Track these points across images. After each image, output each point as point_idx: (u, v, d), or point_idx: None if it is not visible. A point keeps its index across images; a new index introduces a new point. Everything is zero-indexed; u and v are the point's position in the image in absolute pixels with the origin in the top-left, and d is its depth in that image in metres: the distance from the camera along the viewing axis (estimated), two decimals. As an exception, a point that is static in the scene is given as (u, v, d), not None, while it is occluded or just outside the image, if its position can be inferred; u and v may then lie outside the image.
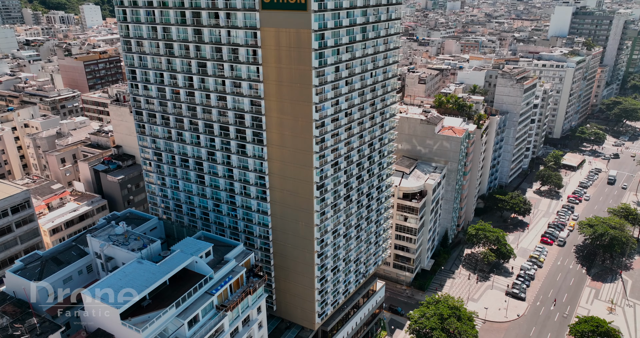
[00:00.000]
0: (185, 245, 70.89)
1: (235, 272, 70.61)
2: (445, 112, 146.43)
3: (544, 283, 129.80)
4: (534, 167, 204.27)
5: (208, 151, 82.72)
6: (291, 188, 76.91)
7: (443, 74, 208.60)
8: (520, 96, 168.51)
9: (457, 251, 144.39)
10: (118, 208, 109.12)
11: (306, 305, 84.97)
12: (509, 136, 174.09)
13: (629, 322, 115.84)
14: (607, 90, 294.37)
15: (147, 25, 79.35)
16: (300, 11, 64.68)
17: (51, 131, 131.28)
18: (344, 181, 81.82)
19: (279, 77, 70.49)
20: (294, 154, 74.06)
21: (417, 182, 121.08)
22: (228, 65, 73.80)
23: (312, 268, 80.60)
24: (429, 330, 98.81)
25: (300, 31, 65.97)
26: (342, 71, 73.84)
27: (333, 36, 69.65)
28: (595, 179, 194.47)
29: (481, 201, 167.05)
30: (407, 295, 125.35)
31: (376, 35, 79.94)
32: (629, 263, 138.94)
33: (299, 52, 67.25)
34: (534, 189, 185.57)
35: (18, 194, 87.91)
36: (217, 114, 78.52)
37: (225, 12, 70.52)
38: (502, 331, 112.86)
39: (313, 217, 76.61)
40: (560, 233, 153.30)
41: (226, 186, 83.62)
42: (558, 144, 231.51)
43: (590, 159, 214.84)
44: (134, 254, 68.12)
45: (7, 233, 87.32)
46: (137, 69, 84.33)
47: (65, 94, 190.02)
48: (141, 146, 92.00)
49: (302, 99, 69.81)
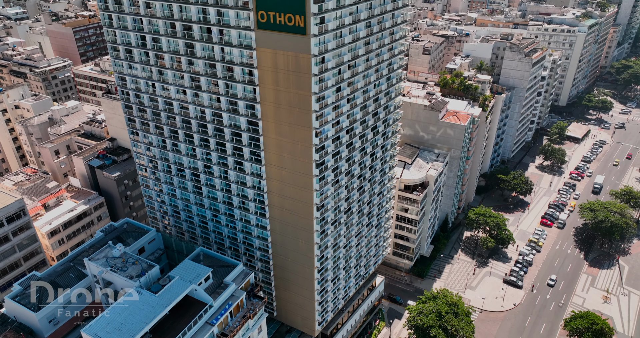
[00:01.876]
0: (184, 270, 70.19)
1: (235, 297, 70.44)
2: (450, 93, 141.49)
3: (541, 270, 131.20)
4: (537, 139, 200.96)
5: (205, 164, 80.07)
6: (291, 207, 75.11)
7: (449, 41, 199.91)
8: (528, 70, 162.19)
9: (456, 234, 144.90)
10: (116, 204, 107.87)
11: (306, 314, 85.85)
12: (514, 112, 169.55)
13: (622, 311, 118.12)
14: (618, 50, 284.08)
15: (135, 33, 73.97)
16: (299, 35, 59.78)
17: (43, 117, 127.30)
18: (345, 196, 79.86)
19: (276, 99, 66.58)
20: (293, 176, 71.57)
21: (419, 173, 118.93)
22: (223, 82, 69.51)
23: (312, 282, 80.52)
24: (427, 327, 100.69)
25: (299, 55, 61.38)
26: (344, 90, 69.71)
27: (334, 57, 64.94)
28: (599, 152, 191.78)
29: (482, 179, 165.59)
30: (405, 282, 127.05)
31: (380, 45, 74.85)
32: (627, 248, 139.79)
33: (297, 76, 62.97)
34: (536, 164, 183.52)
35: (12, 204, 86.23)
36: (213, 129, 75.10)
37: (218, 28, 65.31)
38: (498, 321, 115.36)
39: (313, 236, 75.40)
40: (560, 214, 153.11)
41: (224, 199, 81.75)
42: (564, 112, 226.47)
43: (595, 129, 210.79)
44: (132, 283, 67.55)
45: (4, 242, 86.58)
46: (127, 77, 79.77)
47: (56, 64, 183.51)
48: (135, 152, 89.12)
49: (301, 124, 66.33)
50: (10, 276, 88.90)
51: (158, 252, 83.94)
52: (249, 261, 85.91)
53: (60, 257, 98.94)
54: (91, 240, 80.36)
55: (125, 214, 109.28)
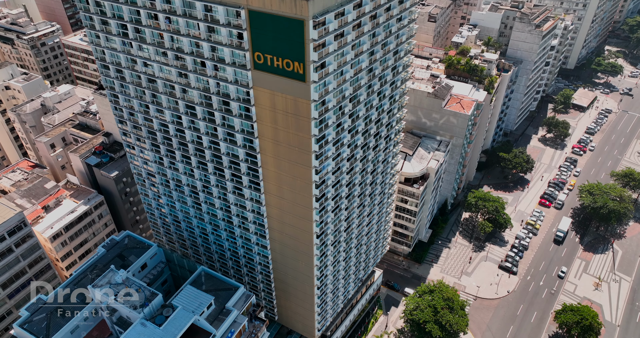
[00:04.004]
0: (187, 298, 71.56)
1: (238, 323, 72.46)
2: (455, 74, 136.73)
3: (536, 254, 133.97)
4: (542, 107, 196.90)
5: (203, 184, 79.07)
6: (290, 232, 75.19)
7: (456, 4, 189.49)
8: (538, 42, 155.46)
9: (455, 215, 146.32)
10: (116, 201, 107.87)
11: (306, 321, 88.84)
12: (520, 85, 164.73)
13: (612, 299, 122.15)
14: (634, 2, 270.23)
15: (125, 55, 69.92)
16: (297, 81, 56.53)
17: (35, 104, 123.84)
18: (345, 216, 79.63)
19: (275, 136, 64.34)
20: (293, 206, 70.91)
21: (420, 165, 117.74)
22: (219, 114, 66.79)
23: (312, 298, 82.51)
24: (422, 322, 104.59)
25: (298, 100, 58.45)
26: (345, 123, 67.13)
27: (335, 95, 61.80)
28: (604, 123, 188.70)
29: (484, 156, 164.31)
30: (403, 268, 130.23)
31: (383, 68, 71.00)
32: (622, 231, 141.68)
33: (297, 119, 60.40)
34: (539, 136, 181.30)
35: (12, 218, 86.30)
36: (211, 155, 73.31)
37: (212, 63, 61.61)
38: (492, 309, 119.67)
39: (313, 260, 76.15)
40: (559, 194, 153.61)
41: (224, 217, 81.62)
42: (571, 75, 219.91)
43: (602, 97, 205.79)
44: (136, 314, 69.16)
45: (8, 254, 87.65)
46: (120, 95, 76.54)
47: (44, 29, 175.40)
48: (132, 164, 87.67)
49: (300, 162, 64.62)
50: (16, 284, 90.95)
51: (160, 265, 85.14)
52: (250, 272, 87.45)
53: (64, 258, 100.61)
54: (93, 258, 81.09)
55: (125, 210, 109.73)
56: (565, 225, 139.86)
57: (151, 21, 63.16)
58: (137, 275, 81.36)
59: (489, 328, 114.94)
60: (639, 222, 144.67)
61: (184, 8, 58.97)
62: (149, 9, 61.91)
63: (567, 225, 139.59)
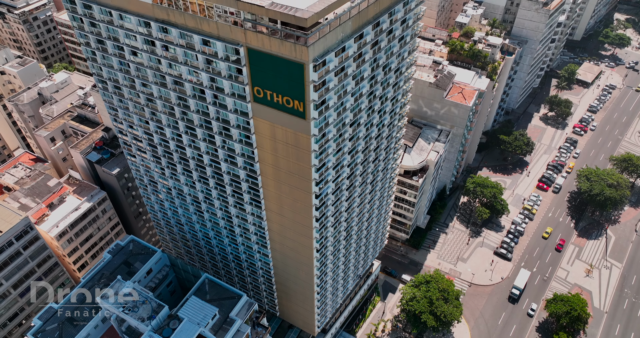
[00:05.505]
0: (192, 310, 74.51)
1: (241, 333, 75.88)
2: (458, 59, 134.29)
3: (531, 240, 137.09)
4: (545, 82, 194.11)
5: (205, 196, 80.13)
6: (291, 245, 77.12)
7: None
8: (544, 21, 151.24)
9: (453, 199, 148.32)
10: (118, 196, 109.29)
11: (307, 319, 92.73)
12: (524, 64, 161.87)
13: (602, 285, 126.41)
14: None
15: (123, 74, 68.86)
16: (297, 117, 56.28)
17: (32, 94, 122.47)
18: (345, 227, 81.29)
19: (275, 162, 64.72)
20: (294, 224, 72.36)
21: (420, 157, 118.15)
22: (220, 138, 66.77)
23: (312, 301, 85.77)
24: (418, 313, 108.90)
25: (299, 134, 58.39)
26: (345, 146, 67.18)
27: (335, 125, 61.56)
28: (607, 100, 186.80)
29: (484, 137, 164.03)
30: (401, 253, 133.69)
31: (384, 87, 70.12)
32: (617, 216, 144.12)
33: (297, 150, 60.57)
34: (540, 115, 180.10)
35: (19, 223, 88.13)
36: (212, 172, 73.90)
37: (211, 92, 60.95)
38: (486, 295, 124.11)
39: (313, 270, 78.55)
40: (557, 177, 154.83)
41: (226, 225, 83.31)
42: (577, 47, 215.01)
43: (607, 71, 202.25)
44: (144, 326, 72.31)
45: (17, 257, 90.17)
46: (119, 110, 76.01)
47: (35, 2, 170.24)
48: (134, 170, 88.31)
49: (301, 188, 65.37)
50: (26, 284, 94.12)
51: (165, 269, 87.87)
52: (252, 274, 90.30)
53: (71, 253, 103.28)
54: (100, 264, 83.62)
55: (128, 204, 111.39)
56: (522, 281, 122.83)
57: (148, 47, 61.82)
58: (143, 280, 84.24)
59: (482, 315, 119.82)
60: (634, 207, 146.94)
61: (181, 39, 57.62)
62: (145, 36, 60.48)
63: (525, 280, 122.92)
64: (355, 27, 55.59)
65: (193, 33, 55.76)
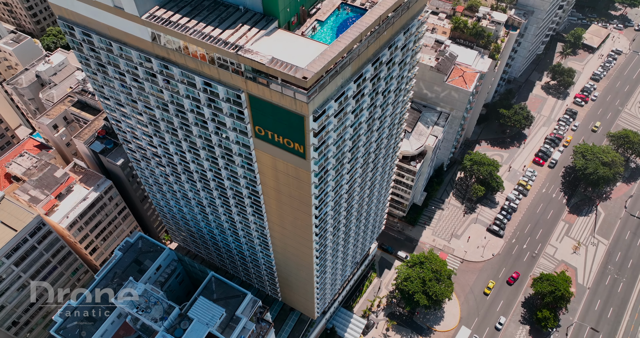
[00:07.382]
0: (201, 310, 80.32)
1: (247, 330, 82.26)
2: (461, 37, 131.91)
3: (524, 216, 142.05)
4: (550, 47, 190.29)
5: (209, 202, 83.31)
6: (292, 251, 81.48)
7: None
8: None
9: (450, 174, 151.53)
10: (124, 186, 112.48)
11: (307, 306, 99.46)
12: (529, 34, 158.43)
13: (587, 262, 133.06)
14: None
15: (125, 95, 69.46)
16: (298, 156, 58.15)
17: (30, 76, 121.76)
18: (344, 231, 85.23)
19: (277, 187, 67.25)
20: (295, 235, 76.17)
21: (418, 143, 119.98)
22: (222, 161, 68.76)
23: (312, 295, 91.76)
24: (412, 293, 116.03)
25: (299, 169, 60.48)
26: (344, 169, 69.31)
27: (334, 156, 63.39)
28: (611, 67, 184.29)
29: (484, 109, 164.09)
30: (397, 229, 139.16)
31: (384, 106, 70.94)
32: (609, 192, 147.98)
33: (298, 181, 62.90)
34: (542, 83, 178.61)
35: (32, 222, 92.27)
36: (215, 185, 76.55)
37: (213, 124, 62.19)
38: (477, 271, 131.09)
39: (313, 271, 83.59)
40: (554, 151, 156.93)
41: (230, 227, 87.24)
42: (587, 7, 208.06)
43: (615, 33, 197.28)
44: (157, 327, 78.43)
45: (32, 251, 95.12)
46: (122, 122, 77.16)
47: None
48: (139, 172, 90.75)
49: (301, 210, 68.40)
50: (43, 274, 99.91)
51: (173, 264, 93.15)
52: (255, 267, 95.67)
53: (82, 240, 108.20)
54: (112, 262, 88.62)
55: (133, 189, 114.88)
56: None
57: (149, 77, 62.17)
58: (153, 276, 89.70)
59: (472, 291, 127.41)
60: (626, 182, 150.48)
61: (183, 77, 58.04)
62: (146, 68, 60.70)
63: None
64: (355, 69, 55.87)
65: (194, 74, 56.14)
